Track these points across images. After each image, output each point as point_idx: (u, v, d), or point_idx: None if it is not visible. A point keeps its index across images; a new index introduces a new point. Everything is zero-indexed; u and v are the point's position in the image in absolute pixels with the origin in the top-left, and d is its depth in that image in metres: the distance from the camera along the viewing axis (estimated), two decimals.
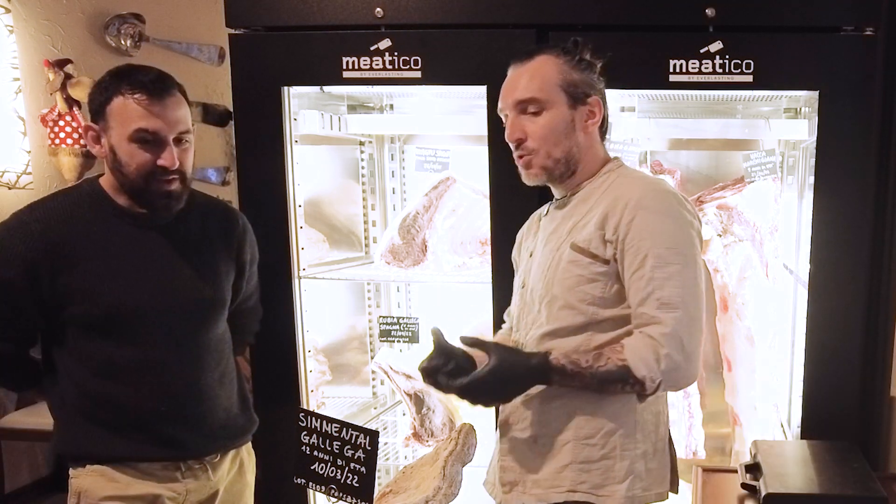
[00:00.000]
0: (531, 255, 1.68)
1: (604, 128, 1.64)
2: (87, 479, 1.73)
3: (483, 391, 1.51)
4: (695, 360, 1.48)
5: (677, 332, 1.44)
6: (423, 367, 1.59)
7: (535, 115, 1.57)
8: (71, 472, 1.76)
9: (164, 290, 1.74)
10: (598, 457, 1.56)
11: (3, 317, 1.67)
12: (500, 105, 1.62)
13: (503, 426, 1.68)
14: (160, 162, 1.65)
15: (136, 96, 1.62)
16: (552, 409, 1.58)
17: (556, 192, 1.67)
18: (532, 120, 1.57)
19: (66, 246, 1.66)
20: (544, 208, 1.72)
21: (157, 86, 1.64)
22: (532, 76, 1.57)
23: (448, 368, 1.56)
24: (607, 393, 1.53)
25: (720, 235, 2.48)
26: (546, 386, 1.56)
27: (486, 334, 2.17)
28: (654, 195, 1.52)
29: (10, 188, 3.28)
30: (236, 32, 2.19)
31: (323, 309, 2.54)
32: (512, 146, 1.61)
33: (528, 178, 1.62)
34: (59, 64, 3.18)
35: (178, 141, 1.68)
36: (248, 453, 1.98)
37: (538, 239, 1.68)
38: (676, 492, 1.69)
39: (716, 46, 2.00)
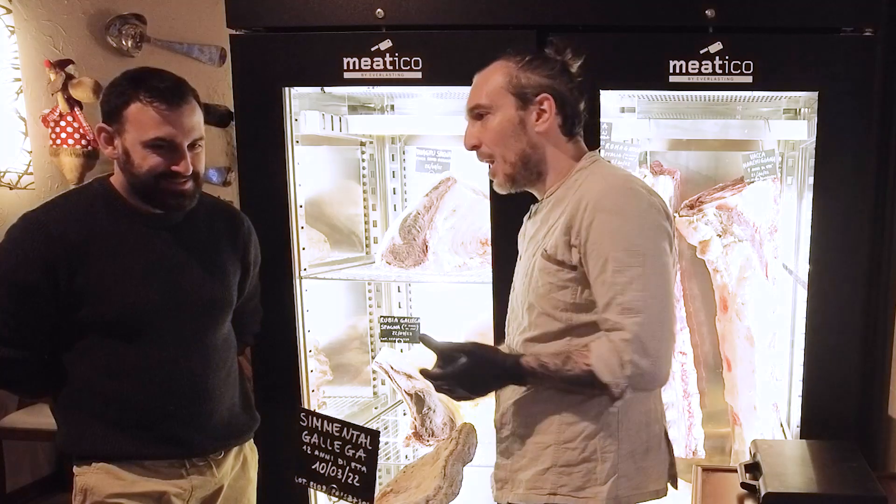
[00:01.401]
0: (519, 259, 1.69)
1: (567, 125, 1.59)
2: (93, 477, 1.73)
3: (457, 384, 1.53)
4: (662, 363, 1.45)
5: (640, 337, 1.42)
6: (430, 374, 1.57)
7: (484, 120, 1.58)
8: (76, 469, 1.76)
9: (175, 290, 1.75)
10: (578, 460, 1.56)
11: (24, 322, 1.66)
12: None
13: (497, 425, 1.69)
14: (175, 168, 1.67)
15: (153, 104, 1.63)
16: (535, 412, 1.59)
17: (537, 196, 1.66)
18: (482, 125, 1.58)
19: (82, 246, 1.66)
20: (530, 211, 1.71)
21: (174, 93, 1.65)
22: (481, 83, 1.59)
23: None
24: (580, 394, 1.53)
25: (720, 235, 2.49)
26: (524, 386, 1.57)
27: (487, 333, 2.18)
28: (612, 195, 1.48)
29: (11, 188, 3.29)
30: (237, 33, 2.19)
31: (324, 309, 2.54)
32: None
33: (498, 188, 1.64)
34: (61, 64, 3.18)
35: (192, 146, 1.69)
36: (251, 450, 1.99)
37: (523, 243, 1.68)
38: (676, 486, 1.69)
39: (715, 47, 2.00)
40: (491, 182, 2.10)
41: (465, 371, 1.51)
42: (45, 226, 1.65)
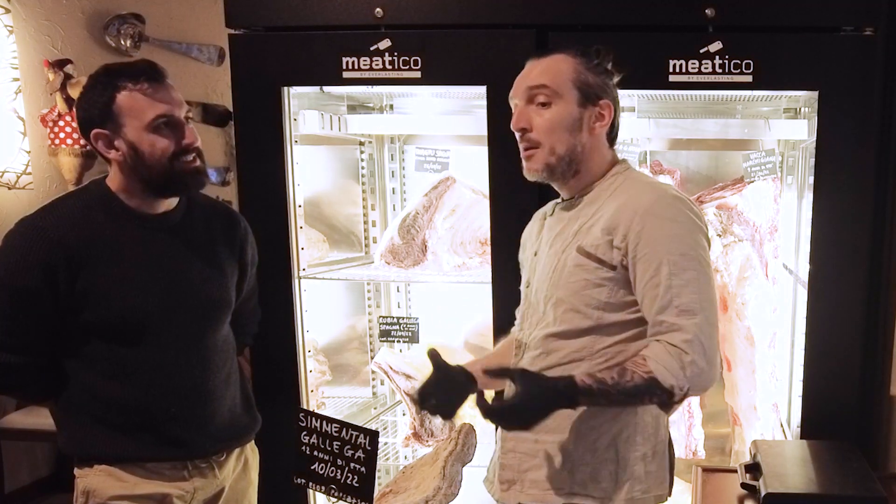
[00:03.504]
0: (536, 255, 1.68)
1: (613, 133, 1.63)
2: (95, 479, 1.73)
3: (512, 417, 1.47)
4: (716, 363, 1.48)
5: (699, 337, 1.43)
6: (419, 391, 1.60)
7: (543, 106, 1.56)
8: (77, 471, 1.76)
9: (174, 291, 1.74)
10: (598, 460, 1.56)
11: (24, 327, 1.65)
12: (511, 94, 1.61)
13: None
14: (185, 142, 1.67)
15: (139, 87, 1.62)
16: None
17: (563, 193, 1.66)
18: (539, 112, 1.56)
19: (82, 250, 1.65)
20: (548, 208, 1.71)
21: (152, 72, 1.65)
22: (547, 68, 1.57)
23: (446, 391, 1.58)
24: (633, 406, 1.53)
25: (720, 235, 2.49)
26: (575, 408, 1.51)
27: (486, 334, 2.18)
28: (663, 202, 1.51)
29: (9, 188, 3.28)
30: (236, 33, 2.19)
31: (323, 309, 2.54)
32: (517, 136, 1.60)
33: (529, 173, 1.61)
34: (59, 64, 3.18)
35: (186, 120, 1.70)
36: (252, 451, 1.99)
37: (542, 239, 1.67)
38: (671, 494, 1.70)
39: (715, 46, 2.00)
40: (491, 175, 2.12)
41: (520, 399, 1.44)
42: (43, 230, 1.64)
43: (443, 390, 1.60)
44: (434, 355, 1.61)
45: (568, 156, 1.57)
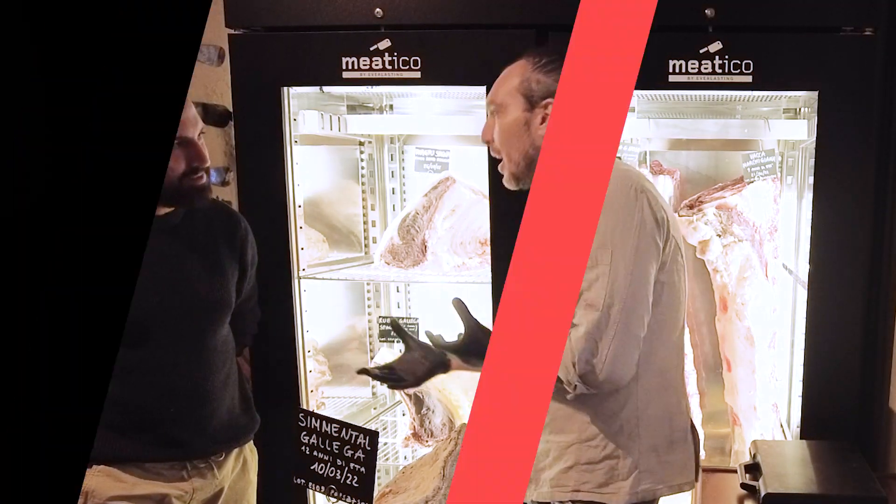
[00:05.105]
0: None
1: None
2: (94, 480, 1.73)
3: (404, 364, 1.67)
4: (617, 365, 1.43)
5: (592, 335, 1.42)
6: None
7: (497, 117, 1.62)
8: None
9: (174, 292, 1.74)
10: (600, 457, 1.57)
11: None
12: None
13: None
14: (195, 163, 1.67)
15: None
16: (556, 412, 1.59)
17: None
18: (495, 122, 1.63)
19: None
20: None
21: None
22: (500, 81, 1.63)
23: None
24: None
25: (720, 235, 2.48)
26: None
27: None
28: None
29: None
30: (236, 33, 2.19)
31: (323, 309, 2.54)
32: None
33: (505, 183, 1.67)
34: None
35: (199, 137, 1.71)
36: (250, 451, 1.99)
37: None
38: (697, 479, 1.70)
39: (715, 46, 2.00)
40: (491, 176, 2.11)
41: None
42: None
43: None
44: (461, 307, 1.67)
45: (523, 160, 1.60)
